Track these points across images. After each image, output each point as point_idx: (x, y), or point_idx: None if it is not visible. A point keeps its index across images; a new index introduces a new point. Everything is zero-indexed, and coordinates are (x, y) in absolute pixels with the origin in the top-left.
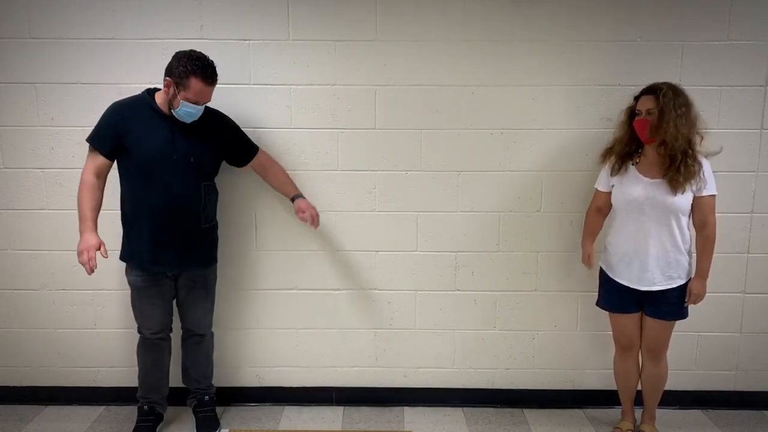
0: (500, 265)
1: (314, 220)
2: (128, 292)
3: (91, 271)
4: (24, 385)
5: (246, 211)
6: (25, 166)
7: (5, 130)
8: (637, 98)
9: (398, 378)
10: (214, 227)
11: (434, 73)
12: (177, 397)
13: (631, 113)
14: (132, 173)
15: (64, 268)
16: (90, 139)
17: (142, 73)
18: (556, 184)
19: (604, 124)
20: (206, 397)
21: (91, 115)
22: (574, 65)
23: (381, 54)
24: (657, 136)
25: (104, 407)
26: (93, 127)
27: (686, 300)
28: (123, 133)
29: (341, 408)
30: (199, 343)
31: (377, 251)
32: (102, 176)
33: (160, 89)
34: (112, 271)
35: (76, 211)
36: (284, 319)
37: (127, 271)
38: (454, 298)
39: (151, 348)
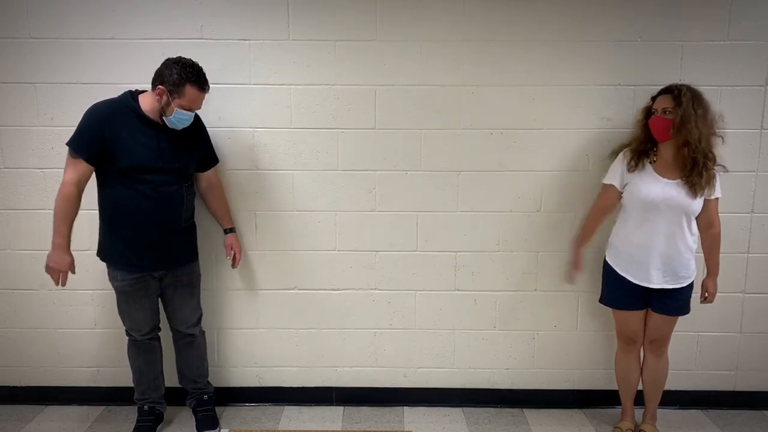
0: (500, 265)
1: (237, 261)
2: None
3: (59, 285)
4: (24, 385)
5: (246, 211)
6: (25, 166)
7: (5, 130)
8: (654, 98)
9: (398, 378)
10: (194, 225)
11: (434, 73)
12: (176, 397)
13: (648, 112)
14: (116, 178)
15: None
16: (72, 144)
17: (142, 73)
18: (556, 184)
19: (604, 124)
20: (205, 396)
21: None
22: (574, 65)
23: (381, 54)
24: (679, 136)
25: (104, 407)
26: (74, 132)
27: (702, 299)
28: (109, 137)
29: (341, 408)
30: (192, 344)
31: (377, 251)
32: (82, 186)
33: (142, 91)
34: None
35: None
36: (284, 319)
37: (112, 277)
38: (454, 298)
39: (143, 348)
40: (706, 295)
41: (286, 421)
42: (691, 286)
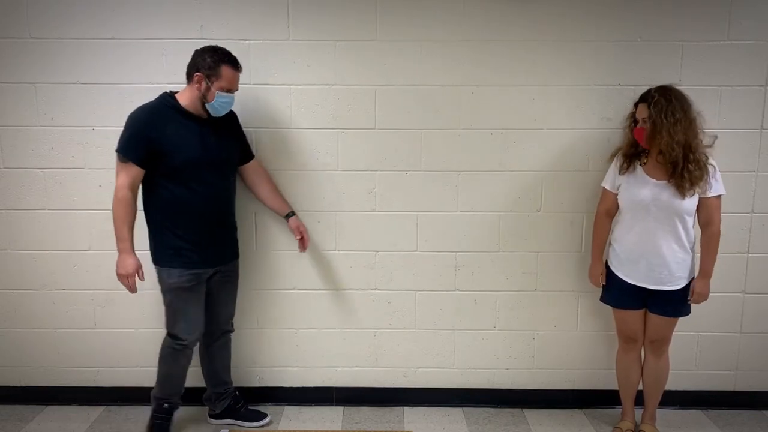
0: (500, 265)
1: (306, 242)
2: (128, 292)
3: (133, 292)
4: (24, 385)
5: (246, 211)
6: (25, 166)
7: (5, 130)
8: (636, 105)
9: (398, 378)
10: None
11: (434, 73)
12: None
13: (633, 118)
14: (167, 177)
15: (64, 268)
16: (121, 150)
17: (142, 73)
18: (556, 184)
19: (604, 124)
20: (236, 393)
21: (91, 115)
22: (574, 65)
23: (381, 54)
24: (653, 145)
25: (104, 407)
26: (121, 138)
27: (689, 299)
28: (155, 138)
29: (341, 408)
30: (228, 341)
31: (377, 251)
32: (135, 189)
33: (177, 92)
34: (112, 270)
35: (75, 211)
36: (284, 319)
37: (168, 275)
38: (454, 298)
39: (184, 356)
40: (693, 295)
41: (286, 421)
42: (688, 287)
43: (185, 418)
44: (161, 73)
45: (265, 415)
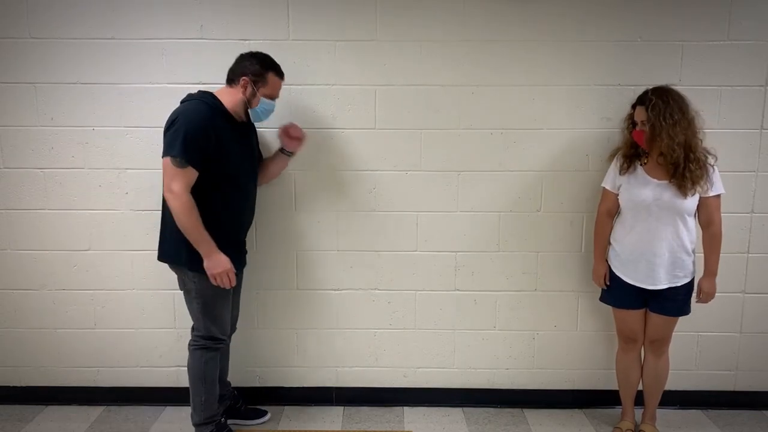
0: (500, 265)
1: (299, 132)
2: (128, 292)
3: (231, 286)
4: (24, 385)
5: None
6: (25, 166)
7: (5, 130)
8: (633, 107)
9: (398, 378)
10: None
11: (434, 73)
12: (177, 397)
13: (632, 121)
14: (220, 182)
15: (64, 268)
16: (181, 153)
17: (142, 73)
18: (556, 184)
19: (604, 124)
20: (235, 392)
21: (91, 115)
22: (574, 65)
23: (381, 54)
24: (653, 147)
25: (104, 407)
26: (176, 142)
27: (697, 299)
28: (215, 143)
29: (341, 408)
30: (229, 343)
31: (377, 251)
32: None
33: (211, 92)
34: (112, 270)
35: (75, 211)
36: (284, 319)
37: (207, 280)
38: (454, 298)
39: (218, 354)
40: (701, 295)
41: (286, 421)
42: (688, 286)
43: (185, 419)
44: (161, 73)
45: (265, 412)
